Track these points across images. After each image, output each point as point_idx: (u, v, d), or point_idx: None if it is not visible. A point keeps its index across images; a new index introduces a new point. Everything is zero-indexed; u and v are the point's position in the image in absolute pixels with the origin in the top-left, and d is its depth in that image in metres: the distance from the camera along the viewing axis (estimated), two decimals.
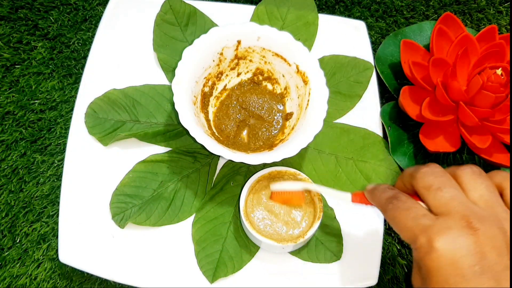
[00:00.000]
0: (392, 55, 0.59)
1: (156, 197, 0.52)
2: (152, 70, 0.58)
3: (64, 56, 0.62)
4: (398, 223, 0.35)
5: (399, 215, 0.35)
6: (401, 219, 0.35)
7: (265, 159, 0.47)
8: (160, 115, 0.56)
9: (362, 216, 0.53)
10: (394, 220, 0.36)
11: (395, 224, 0.35)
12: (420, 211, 0.34)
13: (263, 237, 0.48)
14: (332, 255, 0.51)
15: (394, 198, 0.37)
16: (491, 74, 0.50)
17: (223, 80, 0.57)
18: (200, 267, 0.50)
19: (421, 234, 0.33)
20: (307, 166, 0.55)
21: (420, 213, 0.34)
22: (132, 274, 0.50)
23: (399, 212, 0.35)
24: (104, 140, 0.54)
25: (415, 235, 0.33)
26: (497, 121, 0.52)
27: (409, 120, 0.56)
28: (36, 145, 0.57)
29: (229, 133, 0.56)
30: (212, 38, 0.52)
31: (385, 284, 0.53)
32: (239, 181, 0.54)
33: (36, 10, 0.64)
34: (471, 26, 0.65)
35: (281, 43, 0.53)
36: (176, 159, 0.54)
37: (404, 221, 0.34)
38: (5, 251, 0.53)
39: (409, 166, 0.54)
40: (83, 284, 0.52)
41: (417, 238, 0.33)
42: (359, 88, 0.58)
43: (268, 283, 0.50)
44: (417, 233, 0.33)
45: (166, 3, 0.59)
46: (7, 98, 0.59)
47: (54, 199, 0.55)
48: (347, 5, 0.66)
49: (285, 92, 0.57)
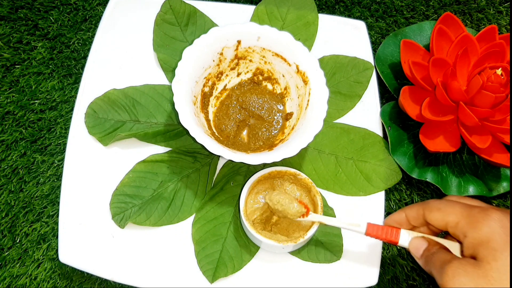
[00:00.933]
0: (392, 55, 0.59)
1: (156, 197, 0.52)
2: (152, 70, 0.58)
3: (64, 56, 0.62)
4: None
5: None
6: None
7: (265, 159, 0.47)
8: (160, 115, 0.56)
9: (362, 216, 0.53)
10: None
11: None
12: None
13: (263, 237, 0.48)
14: (332, 255, 0.51)
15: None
16: (491, 74, 0.50)
17: (223, 80, 0.57)
18: (200, 267, 0.50)
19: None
20: (307, 166, 0.55)
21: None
22: (132, 274, 0.50)
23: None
24: (104, 140, 0.54)
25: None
26: (497, 121, 0.52)
27: (409, 120, 0.56)
28: (36, 145, 0.57)
29: (229, 133, 0.56)
30: (212, 38, 0.52)
31: (385, 284, 0.53)
32: (239, 181, 0.54)
33: (36, 10, 0.64)
34: (471, 26, 0.65)
35: (281, 43, 0.53)
36: (176, 159, 0.54)
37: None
38: (5, 251, 0.53)
39: (409, 166, 0.54)
40: (83, 284, 0.52)
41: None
42: (359, 88, 0.58)
43: (268, 283, 0.50)
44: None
45: (166, 3, 0.59)
46: (7, 98, 0.59)
47: (54, 199, 0.55)
48: (347, 5, 0.66)
49: (285, 92, 0.57)
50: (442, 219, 0.39)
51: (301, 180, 0.51)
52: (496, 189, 0.54)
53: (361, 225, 0.44)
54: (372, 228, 0.44)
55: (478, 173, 0.55)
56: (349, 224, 0.45)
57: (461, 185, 0.54)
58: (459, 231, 0.38)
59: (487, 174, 0.55)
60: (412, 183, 0.57)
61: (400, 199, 0.56)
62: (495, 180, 0.55)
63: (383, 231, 0.43)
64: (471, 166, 0.55)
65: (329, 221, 0.47)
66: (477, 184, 0.54)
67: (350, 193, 0.54)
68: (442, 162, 0.55)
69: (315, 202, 0.50)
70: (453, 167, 0.55)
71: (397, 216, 0.44)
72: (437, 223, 0.40)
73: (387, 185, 0.54)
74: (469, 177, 0.54)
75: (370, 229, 0.44)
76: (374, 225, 0.44)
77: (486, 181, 0.54)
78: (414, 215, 0.42)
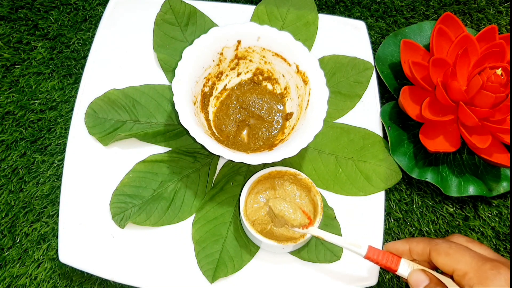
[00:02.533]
0: (392, 55, 0.59)
1: (156, 197, 0.52)
2: (152, 70, 0.58)
3: (64, 56, 0.62)
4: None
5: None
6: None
7: (265, 159, 0.47)
8: (160, 115, 0.56)
9: (362, 216, 0.53)
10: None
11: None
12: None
13: (263, 237, 0.48)
14: (332, 255, 0.51)
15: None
16: (491, 74, 0.50)
17: (223, 80, 0.57)
18: (200, 267, 0.50)
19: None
20: (307, 166, 0.55)
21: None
22: (132, 274, 0.50)
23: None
24: (104, 140, 0.54)
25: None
26: (497, 121, 0.52)
27: (409, 120, 0.56)
28: (36, 145, 0.57)
29: (229, 133, 0.56)
30: (212, 38, 0.52)
31: (385, 284, 0.53)
32: (239, 181, 0.54)
33: (36, 10, 0.64)
34: (471, 26, 0.65)
35: (281, 43, 0.53)
36: (176, 159, 0.54)
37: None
38: (5, 251, 0.53)
39: (409, 166, 0.54)
40: (83, 284, 0.52)
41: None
42: (359, 88, 0.58)
43: (268, 283, 0.50)
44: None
45: (166, 3, 0.59)
46: (7, 98, 0.59)
47: (54, 199, 0.55)
48: (347, 5, 0.66)
49: (285, 92, 0.57)
50: (450, 265, 0.39)
51: (301, 180, 0.51)
52: (496, 189, 0.54)
53: (362, 247, 0.43)
54: (372, 252, 0.43)
55: (478, 173, 0.55)
56: (350, 244, 0.44)
57: (461, 185, 0.54)
58: (466, 282, 0.38)
59: (487, 174, 0.55)
60: (412, 183, 0.57)
61: (400, 199, 0.56)
62: (495, 180, 0.55)
63: (383, 256, 0.43)
64: (471, 166, 0.55)
65: (329, 237, 0.46)
66: (477, 184, 0.54)
67: (350, 193, 0.54)
68: (442, 162, 0.55)
69: (315, 202, 0.50)
70: (453, 167, 0.55)
71: (400, 245, 0.43)
72: (443, 267, 0.39)
73: (387, 185, 0.54)
74: (469, 177, 0.54)
75: (370, 253, 0.43)
76: (375, 249, 0.43)
77: (486, 181, 0.54)
78: (419, 252, 0.42)
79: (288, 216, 0.48)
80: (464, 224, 0.56)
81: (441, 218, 0.56)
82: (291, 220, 0.47)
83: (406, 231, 0.55)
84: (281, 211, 0.48)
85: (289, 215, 0.48)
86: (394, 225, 0.55)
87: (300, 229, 0.48)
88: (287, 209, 0.48)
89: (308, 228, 0.47)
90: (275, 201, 0.48)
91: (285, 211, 0.48)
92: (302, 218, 0.47)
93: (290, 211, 0.48)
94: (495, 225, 0.56)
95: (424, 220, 0.56)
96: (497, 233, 0.55)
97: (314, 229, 0.47)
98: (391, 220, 0.56)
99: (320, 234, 0.46)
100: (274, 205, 0.48)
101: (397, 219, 0.56)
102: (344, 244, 0.45)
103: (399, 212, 0.56)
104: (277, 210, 0.48)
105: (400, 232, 0.55)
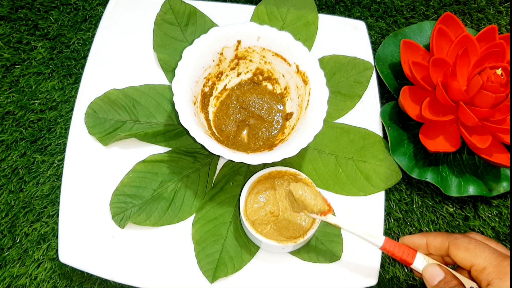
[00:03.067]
0: (392, 55, 0.59)
1: (156, 197, 0.52)
2: (152, 70, 0.58)
3: (64, 56, 0.62)
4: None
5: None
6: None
7: (265, 159, 0.47)
8: (160, 115, 0.56)
9: (362, 216, 0.53)
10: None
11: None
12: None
13: (263, 237, 0.48)
14: (332, 255, 0.51)
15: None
16: (491, 74, 0.50)
17: (223, 80, 0.57)
18: (200, 267, 0.50)
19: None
20: (307, 166, 0.55)
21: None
22: (132, 274, 0.50)
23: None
24: (104, 140, 0.54)
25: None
26: (497, 121, 0.52)
27: (409, 120, 0.56)
28: (36, 145, 0.57)
29: (229, 133, 0.56)
30: (212, 38, 0.52)
31: (385, 284, 0.53)
32: (239, 181, 0.54)
33: (36, 10, 0.64)
34: (471, 26, 0.65)
35: (281, 43, 0.53)
36: (176, 159, 0.54)
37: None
38: (5, 251, 0.53)
39: (409, 166, 0.54)
40: (83, 284, 0.52)
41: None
42: (359, 88, 0.58)
43: (268, 283, 0.50)
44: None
45: (166, 3, 0.59)
46: (7, 98, 0.59)
47: (54, 199, 0.55)
48: (347, 5, 0.66)
49: (285, 92, 0.57)
50: (469, 259, 0.39)
51: (301, 180, 0.51)
52: (496, 189, 0.54)
53: (379, 238, 0.43)
54: (389, 244, 0.43)
55: (478, 173, 0.55)
56: (367, 234, 0.44)
57: (461, 185, 0.54)
58: (484, 277, 0.38)
59: (487, 174, 0.55)
60: (412, 183, 0.57)
61: (400, 199, 0.56)
62: (495, 180, 0.55)
63: (400, 249, 0.43)
64: (471, 166, 0.55)
65: (347, 226, 0.45)
66: (477, 184, 0.54)
67: (350, 193, 0.54)
68: (442, 162, 0.55)
69: None
70: (453, 167, 0.55)
71: (417, 239, 0.43)
72: (461, 262, 0.40)
73: (387, 185, 0.54)
74: (469, 177, 0.54)
75: (387, 244, 0.43)
76: (392, 241, 0.43)
77: (486, 181, 0.54)
78: (437, 246, 0.42)
79: (308, 201, 0.46)
80: (464, 224, 0.56)
81: (441, 218, 0.56)
82: (310, 205, 0.46)
83: (406, 231, 0.55)
84: (301, 195, 0.46)
85: (309, 200, 0.46)
86: (394, 225, 0.55)
87: (318, 216, 0.46)
88: (308, 194, 0.46)
89: (327, 216, 0.46)
90: (296, 185, 0.47)
91: (306, 196, 0.46)
92: (322, 204, 0.46)
93: (311, 197, 0.46)
94: (495, 225, 0.56)
95: (424, 220, 0.56)
96: (497, 233, 0.55)
97: (331, 217, 0.46)
98: (391, 220, 0.56)
99: (338, 222, 0.45)
100: (295, 189, 0.47)
101: (397, 219, 0.56)
102: (361, 234, 0.44)
103: (399, 212, 0.56)
104: (297, 194, 0.47)
105: (400, 232, 0.55)
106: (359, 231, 0.44)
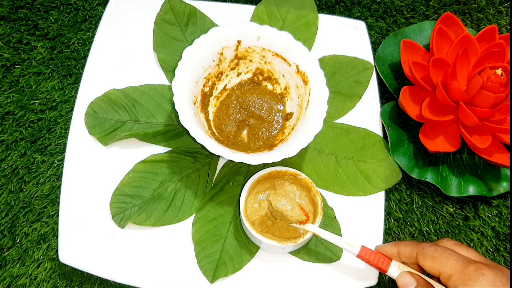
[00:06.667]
0: (392, 55, 0.59)
1: (156, 197, 0.52)
2: (152, 70, 0.58)
3: (64, 56, 0.62)
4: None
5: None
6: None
7: (265, 159, 0.47)
8: (160, 115, 0.56)
9: (362, 216, 0.53)
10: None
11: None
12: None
13: (263, 237, 0.48)
14: (332, 255, 0.51)
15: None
16: (491, 74, 0.50)
17: (223, 80, 0.57)
18: (200, 267, 0.50)
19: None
20: (307, 166, 0.55)
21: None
22: (132, 274, 0.50)
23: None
24: (104, 140, 0.54)
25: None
26: (497, 121, 0.52)
27: (409, 120, 0.56)
28: (36, 145, 0.57)
29: (229, 133, 0.56)
30: (212, 38, 0.52)
31: (385, 284, 0.53)
32: (239, 181, 0.54)
33: (36, 10, 0.64)
34: (471, 26, 0.65)
35: (281, 43, 0.53)
36: (176, 159, 0.54)
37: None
38: (5, 251, 0.53)
39: (409, 166, 0.54)
40: (83, 284, 0.52)
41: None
42: (359, 88, 0.58)
43: (268, 283, 0.50)
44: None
45: (166, 3, 0.59)
46: (7, 98, 0.59)
47: (54, 199, 0.55)
48: (347, 5, 0.66)
49: (285, 92, 0.57)
50: (436, 268, 0.41)
51: (301, 180, 0.51)
52: (496, 189, 0.54)
53: (355, 246, 0.45)
54: (365, 252, 0.45)
55: (478, 173, 0.55)
56: (343, 242, 0.46)
57: (461, 185, 0.54)
58: (451, 284, 0.40)
59: (487, 174, 0.55)
60: (412, 183, 0.57)
61: (400, 199, 0.56)
62: (495, 180, 0.55)
63: (375, 257, 0.45)
64: (471, 166, 0.55)
65: (324, 234, 0.47)
66: (477, 184, 0.54)
67: (350, 193, 0.54)
68: (442, 162, 0.55)
69: (315, 202, 0.50)
70: (453, 167, 0.55)
71: (389, 249, 0.45)
72: (430, 270, 0.41)
73: (387, 185, 0.54)
74: (469, 177, 0.54)
75: (363, 252, 0.45)
76: (367, 249, 0.45)
77: (486, 181, 0.54)
78: (407, 255, 0.44)
79: (286, 213, 0.48)
80: (464, 224, 0.56)
81: (441, 218, 0.56)
82: (288, 216, 0.48)
83: (406, 231, 0.55)
84: (279, 208, 0.48)
85: (287, 211, 0.48)
86: (394, 225, 0.55)
87: (297, 225, 0.48)
88: (286, 205, 0.48)
89: (305, 224, 0.48)
90: (275, 197, 0.49)
91: (283, 208, 0.48)
92: (300, 215, 0.48)
93: (288, 208, 0.48)
94: (495, 225, 0.56)
95: (424, 220, 0.56)
96: (497, 233, 0.55)
97: (310, 226, 0.48)
98: (391, 220, 0.56)
99: (316, 230, 0.47)
100: (274, 201, 0.48)
101: (397, 219, 0.56)
102: (337, 242, 0.46)
103: (399, 212, 0.56)
104: (276, 207, 0.48)
105: (400, 232, 0.55)
106: (335, 240, 0.47)
